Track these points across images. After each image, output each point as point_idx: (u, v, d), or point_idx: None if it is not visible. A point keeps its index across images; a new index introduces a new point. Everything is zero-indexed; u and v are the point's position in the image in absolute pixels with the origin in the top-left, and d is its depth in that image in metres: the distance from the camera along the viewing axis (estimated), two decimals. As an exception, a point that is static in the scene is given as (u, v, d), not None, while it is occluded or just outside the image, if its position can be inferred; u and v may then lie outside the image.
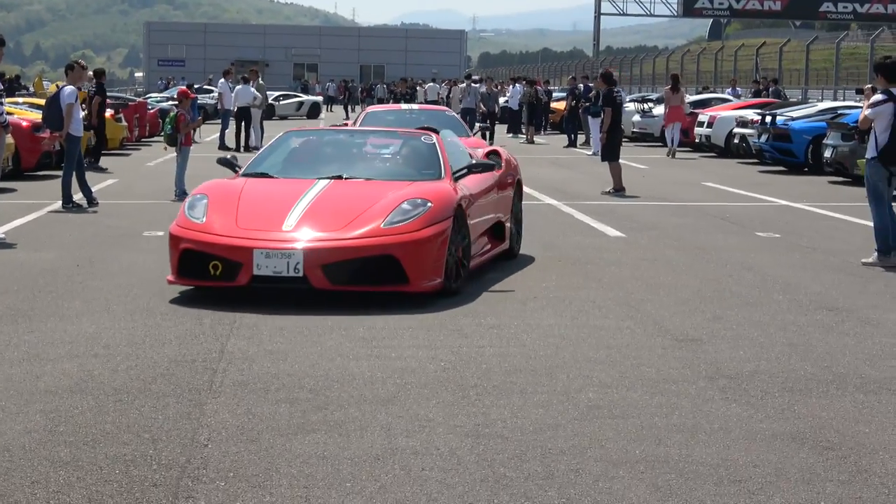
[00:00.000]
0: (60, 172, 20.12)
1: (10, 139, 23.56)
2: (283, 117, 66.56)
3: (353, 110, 69.78)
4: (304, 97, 73.07)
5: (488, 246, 13.29)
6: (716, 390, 8.12)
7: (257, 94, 36.28)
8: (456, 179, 12.54)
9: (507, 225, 13.91)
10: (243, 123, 36.16)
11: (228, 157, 13.30)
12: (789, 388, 8.23)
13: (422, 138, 13.29)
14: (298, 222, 11.23)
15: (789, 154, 29.68)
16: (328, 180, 12.18)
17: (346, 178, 12.36)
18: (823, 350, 9.45)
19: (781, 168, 30.30)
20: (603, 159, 23.48)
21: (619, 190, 22.85)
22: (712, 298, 11.69)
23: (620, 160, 23.47)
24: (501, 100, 50.25)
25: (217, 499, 5.90)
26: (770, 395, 8.03)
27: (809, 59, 61.32)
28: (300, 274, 10.85)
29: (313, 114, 69.21)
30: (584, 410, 7.57)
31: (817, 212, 20.17)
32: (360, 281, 11.05)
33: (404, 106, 26.41)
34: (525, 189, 22.45)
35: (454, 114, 24.77)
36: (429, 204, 11.43)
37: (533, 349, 9.33)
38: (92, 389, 7.94)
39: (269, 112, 65.19)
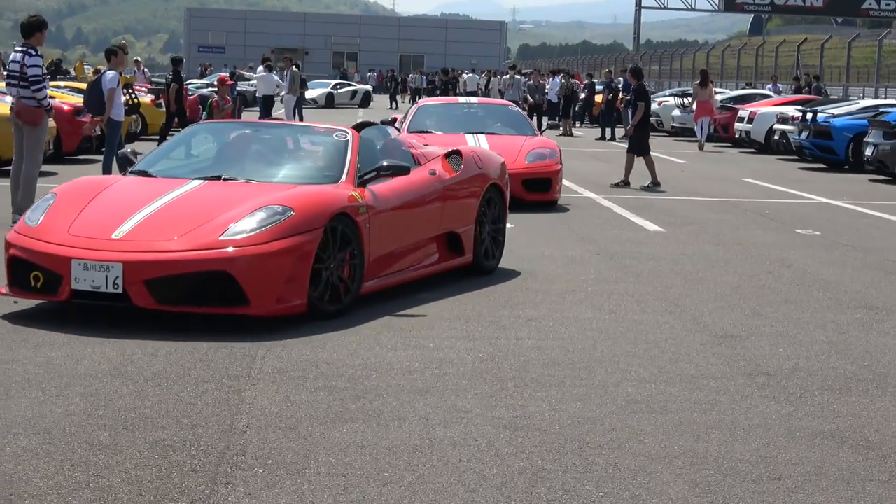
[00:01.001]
0: (101, 157, 20.23)
1: (51, 123, 23.69)
2: (334, 106, 67.28)
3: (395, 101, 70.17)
4: (357, 86, 73.81)
5: (434, 258, 11.73)
6: (755, 387, 8.09)
7: (280, 82, 36.21)
8: (363, 184, 10.80)
9: (468, 236, 12.14)
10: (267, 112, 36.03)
11: (129, 152, 11.82)
12: (829, 386, 8.19)
13: (334, 135, 11.40)
14: (132, 230, 9.66)
15: (829, 151, 29.53)
16: (202, 181, 10.65)
17: (224, 179, 10.78)
18: (863, 349, 9.41)
19: (821, 165, 30.16)
20: (636, 153, 23.20)
21: (657, 184, 22.73)
22: (751, 295, 11.65)
23: (646, 154, 23.23)
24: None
25: (255, 485, 5.92)
26: (809, 392, 8.00)
27: (851, 56, 60.98)
28: (119, 290, 9.30)
29: (365, 103, 69.68)
30: (623, 405, 7.56)
31: (857, 210, 20.07)
32: (190, 300, 9.42)
33: (461, 100, 23.60)
34: (564, 182, 22.42)
35: (518, 109, 22.10)
36: (290, 212, 9.71)
37: (571, 342, 9.32)
38: (132, 374, 7.97)
39: (329, 101, 66.20)
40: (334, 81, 73.85)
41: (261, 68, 37.98)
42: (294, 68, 37.71)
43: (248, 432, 6.76)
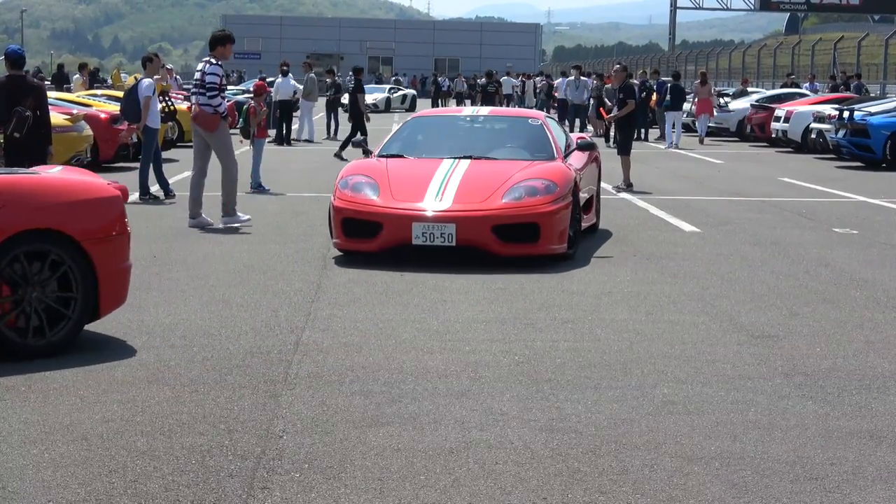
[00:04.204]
0: (137, 164, 20.36)
1: (88, 131, 23.84)
2: (390, 110, 68.12)
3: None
4: (406, 90, 74.79)
5: None
6: (792, 387, 8.06)
7: (298, 86, 36.16)
8: None
9: None
10: (284, 117, 35.88)
11: None
12: (866, 385, 8.15)
13: None
14: None
15: (867, 149, 29.35)
16: None
17: None
18: (901, 348, 9.36)
19: (859, 164, 29.99)
20: (619, 153, 23.00)
21: (629, 186, 22.52)
22: (788, 294, 11.60)
23: (627, 154, 23.03)
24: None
25: (292, 490, 5.93)
26: (847, 392, 7.96)
27: (888, 54, 60.62)
28: None
29: (412, 107, 70.48)
30: (659, 406, 7.54)
31: (895, 208, 19.94)
32: None
33: (466, 110, 17.56)
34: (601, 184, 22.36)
35: (543, 122, 16.04)
36: None
37: (607, 344, 9.31)
38: (168, 380, 8.01)
39: (387, 105, 67.20)
40: (388, 86, 74.92)
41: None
42: (311, 73, 37.51)
43: (284, 437, 6.78)
